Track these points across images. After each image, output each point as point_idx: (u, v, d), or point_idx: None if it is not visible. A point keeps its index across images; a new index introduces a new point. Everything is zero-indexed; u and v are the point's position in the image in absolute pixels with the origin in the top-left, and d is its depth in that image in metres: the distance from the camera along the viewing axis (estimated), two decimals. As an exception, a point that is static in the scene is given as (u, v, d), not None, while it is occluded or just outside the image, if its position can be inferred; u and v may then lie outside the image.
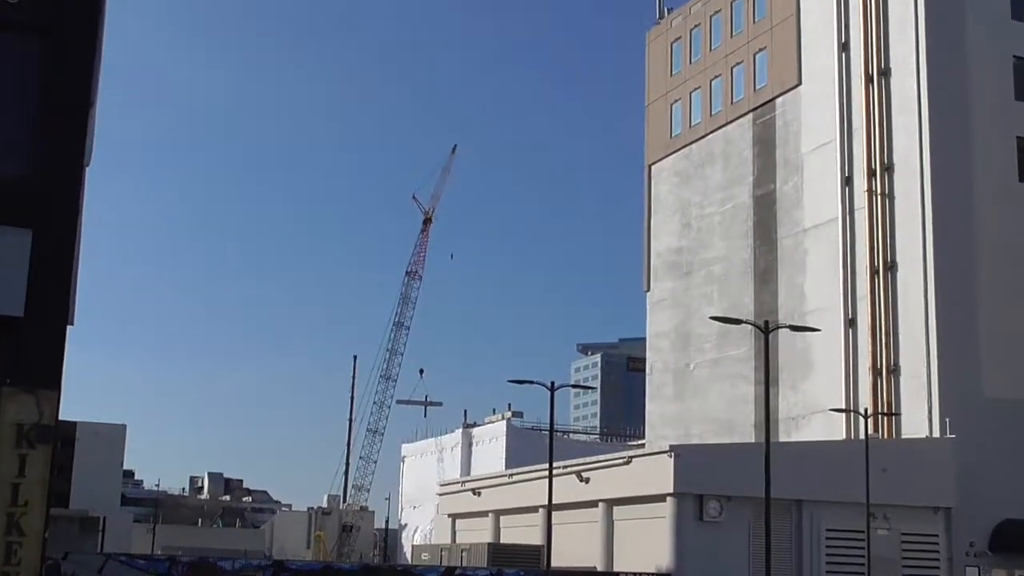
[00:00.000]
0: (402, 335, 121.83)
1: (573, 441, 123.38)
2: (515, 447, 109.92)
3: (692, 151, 73.80)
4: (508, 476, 64.41)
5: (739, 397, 66.35)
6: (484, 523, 64.68)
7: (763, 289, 66.07)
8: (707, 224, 71.63)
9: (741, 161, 69.35)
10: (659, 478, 49.72)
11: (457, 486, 71.39)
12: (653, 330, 75.75)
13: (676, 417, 71.73)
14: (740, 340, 66.33)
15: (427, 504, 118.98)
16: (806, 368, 61.95)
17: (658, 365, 74.68)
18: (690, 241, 72.99)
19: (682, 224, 73.96)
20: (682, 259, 73.52)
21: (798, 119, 65.26)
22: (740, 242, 68.48)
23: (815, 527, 50.73)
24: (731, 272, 68.86)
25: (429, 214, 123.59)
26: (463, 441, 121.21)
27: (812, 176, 63.69)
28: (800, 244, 63.91)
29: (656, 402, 74.41)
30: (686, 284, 72.78)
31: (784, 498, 48.28)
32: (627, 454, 54.37)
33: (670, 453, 49.69)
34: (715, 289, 70.05)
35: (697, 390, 70.19)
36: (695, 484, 49.32)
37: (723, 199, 70.52)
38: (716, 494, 49.21)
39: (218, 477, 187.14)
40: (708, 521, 49.01)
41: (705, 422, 68.82)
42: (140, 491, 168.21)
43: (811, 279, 62.73)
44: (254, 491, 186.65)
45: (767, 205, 66.78)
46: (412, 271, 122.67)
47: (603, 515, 53.72)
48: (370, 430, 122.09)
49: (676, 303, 73.46)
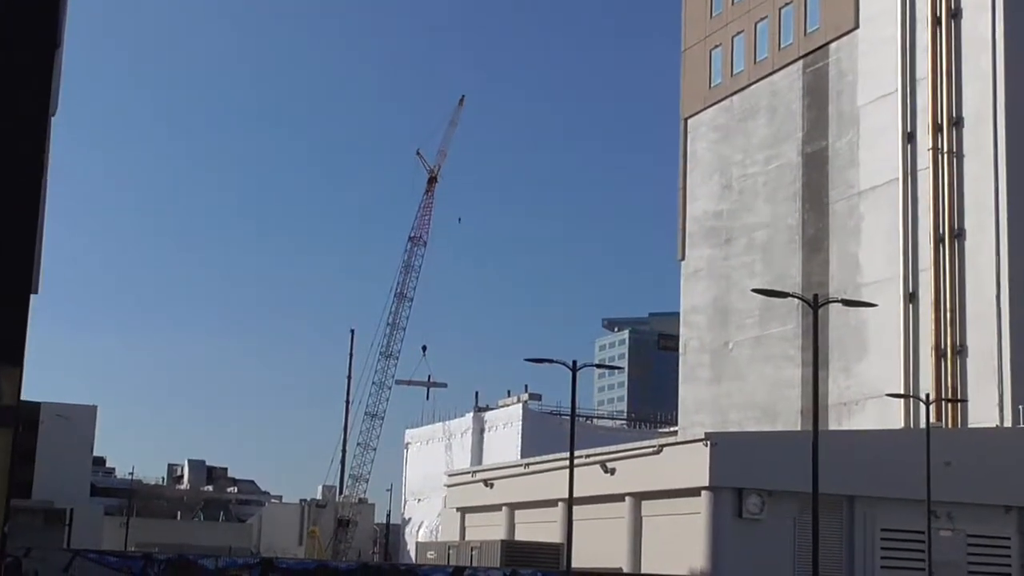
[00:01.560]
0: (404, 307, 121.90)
1: (597, 427, 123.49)
2: (532, 433, 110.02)
3: (734, 103, 73.44)
4: (524, 466, 64.48)
5: (784, 380, 66.24)
6: (497, 518, 64.82)
7: (812, 259, 65.85)
8: (750, 185, 71.36)
9: (789, 115, 68.99)
10: (693, 470, 49.69)
11: (467, 476, 71.56)
12: (688, 304, 75.63)
13: (712, 402, 71.69)
14: (785, 316, 66.16)
15: (433, 496, 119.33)
16: (860, 348, 61.79)
17: (693, 343, 74.58)
18: (730, 204, 72.75)
19: (721, 185, 73.70)
20: (721, 224, 73.29)
21: (854, 67, 64.85)
22: (787, 206, 68.22)
23: (869, 527, 50.67)
24: (776, 239, 68.63)
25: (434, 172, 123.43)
26: (474, 426, 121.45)
27: (869, 132, 63.33)
28: (855, 209, 63.63)
29: (690, 385, 74.36)
30: (725, 252, 72.58)
31: (834, 493, 48.19)
32: (657, 442, 54.35)
33: (706, 442, 49.65)
34: (758, 258, 69.85)
35: (736, 372, 70.11)
36: (733, 477, 49.27)
37: (768, 157, 70.22)
38: (757, 488, 49.13)
39: (199, 465, 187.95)
40: (748, 518, 48.97)
41: (745, 408, 68.77)
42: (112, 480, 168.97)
43: (867, 248, 62.47)
44: (240, 481, 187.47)
45: (818, 164, 66.48)
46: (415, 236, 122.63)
47: (630, 510, 53.75)
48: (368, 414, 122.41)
49: (714, 274, 73.30)
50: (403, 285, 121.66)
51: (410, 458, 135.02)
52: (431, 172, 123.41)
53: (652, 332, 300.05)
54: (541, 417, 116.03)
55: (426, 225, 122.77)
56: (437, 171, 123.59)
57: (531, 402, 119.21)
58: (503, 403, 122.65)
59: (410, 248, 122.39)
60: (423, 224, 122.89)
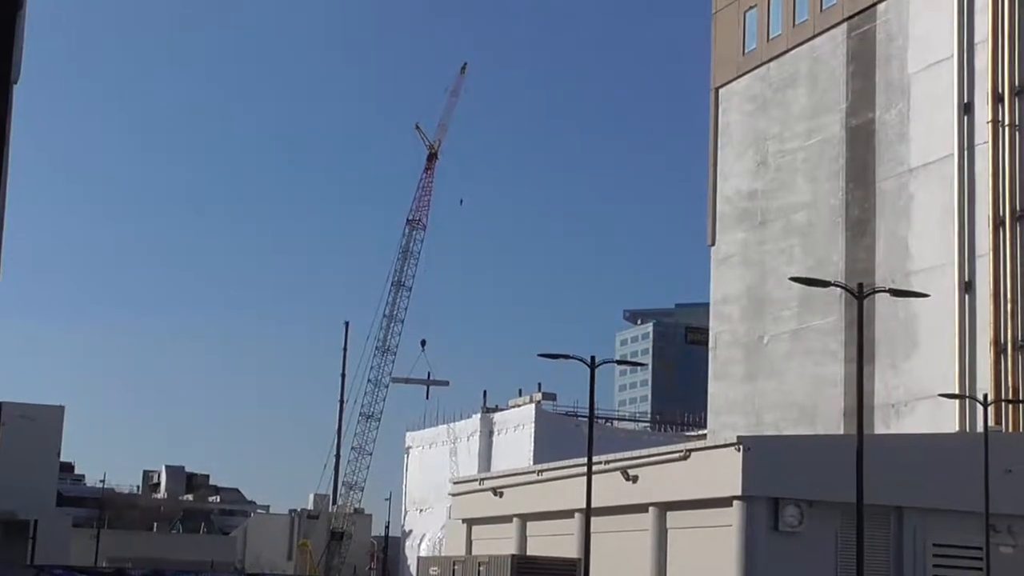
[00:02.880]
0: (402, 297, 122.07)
1: (618, 430, 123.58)
2: (546, 437, 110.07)
3: (770, 71, 73.34)
4: (537, 473, 64.55)
5: (824, 378, 66.20)
6: (507, 530, 64.92)
7: (857, 244, 65.78)
8: (788, 162, 71.27)
9: (831, 84, 68.88)
10: (724, 477, 49.71)
11: (474, 484, 71.63)
12: (719, 294, 75.59)
13: (746, 402, 71.69)
14: (827, 307, 66.10)
15: (437, 506, 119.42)
16: (910, 343, 61.72)
17: (724, 337, 74.55)
18: (766, 183, 72.67)
19: (756, 162, 73.63)
20: (756, 205, 73.21)
21: (904, 30, 64.70)
22: (829, 185, 68.14)
23: (919, 541, 50.66)
24: (817, 222, 68.55)
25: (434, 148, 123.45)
26: (482, 429, 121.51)
27: (921, 102, 63.20)
28: (904, 188, 63.53)
29: (721, 383, 74.35)
30: (760, 236, 72.51)
31: (880, 504, 48.17)
32: (685, 447, 54.40)
33: (738, 446, 49.66)
34: (796, 243, 69.78)
35: (772, 368, 70.08)
36: (769, 485, 49.29)
37: (808, 131, 70.12)
38: (795, 498, 49.15)
39: (178, 472, 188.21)
40: (785, 531, 48.99)
41: (782, 408, 68.75)
42: (81, 488, 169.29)
43: (917, 231, 62.38)
44: (223, 489, 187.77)
45: (863, 139, 66.37)
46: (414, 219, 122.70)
47: (654, 522, 53.81)
48: (364, 415, 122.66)
49: (748, 260, 73.24)
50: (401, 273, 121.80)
51: (411, 464, 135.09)
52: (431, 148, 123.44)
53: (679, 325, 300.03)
54: (556, 419, 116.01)
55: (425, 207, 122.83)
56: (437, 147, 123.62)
57: (545, 402, 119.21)
58: (514, 403, 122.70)
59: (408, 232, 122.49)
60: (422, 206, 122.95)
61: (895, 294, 42.87)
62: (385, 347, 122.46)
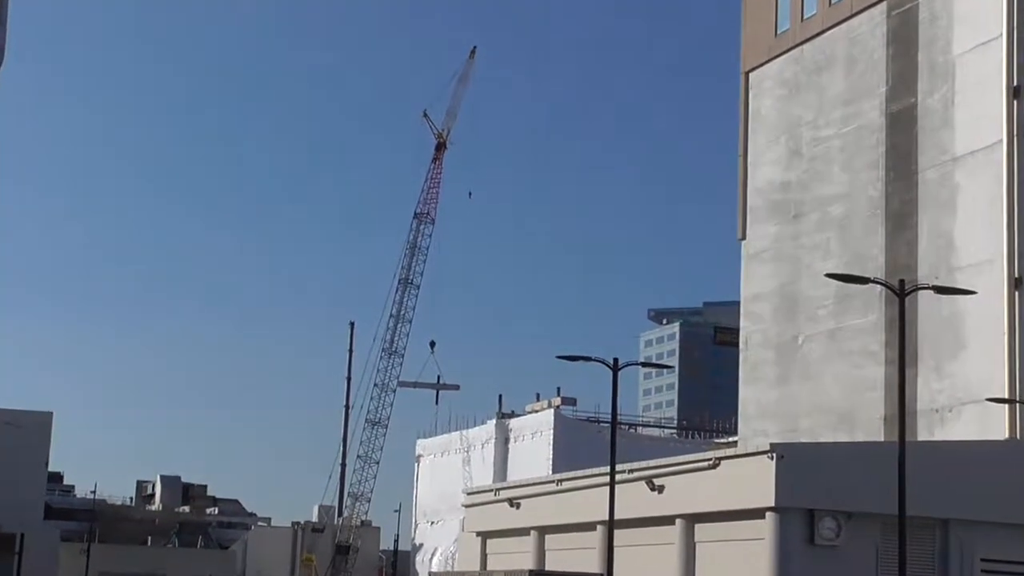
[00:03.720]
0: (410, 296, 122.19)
1: (642, 437, 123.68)
2: (565, 444, 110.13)
3: (804, 53, 73.17)
4: (556, 482, 64.54)
5: (864, 381, 66.04)
6: (524, 544, 64.92)
7: (897, 237, 65.60)
8: (823, 151, 71.10)
9: (870, 66, 68.70)
10: (756, 487, 49.61)
11: (489, 495, 71.65)
12: (749, 291, 75.43)
13: (779, 407, 71.54)
14: (866, 305, 65.94)
15: (449, 518, 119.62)
16: (955, 343, 61.52)
17: (756, 337, 74.41)
18: (800, 173, 72.51)
19: (790, 150, 73.46)
20: (789, 197, 73.06)
21: (949, 9, 64.49)
22: (867, 175, 67.96)
23: (967, 556, 50.51)
24: (854, 214, 68.38)
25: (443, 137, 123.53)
26: (497, 436, 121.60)
27: (968, 86, 62.97)
28: (949, 177, 63.32)
29: (752, 386, 74.21)
30: (794, 230, 72.36)
31: (924, 516, 48.09)
32: (714, 455, 54.27)
33: (771, 454, 49.54)
34: (833, 237, 69.62)
35: (807, 371, 69.93)
36: (804, 496, 49.16)
37: (845, 117, 69.95)
38: (832, 509, 49.02)
39: (174, 482, 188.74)
40: (821, 545, 48.88)
41: (818, 413, 68.59)
42: (71, 500, 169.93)
43: (963, 224, 62.17)
44: (221, 500, 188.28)
45: (904, 125, 66.18)
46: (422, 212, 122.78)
47: (681, 535, 53.75)
48: (370, 421, 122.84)
49: (780, 255, 73.08)
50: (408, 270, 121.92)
51: (421, 473, 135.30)
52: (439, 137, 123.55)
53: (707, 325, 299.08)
54: (576, 425, 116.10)
55: (434, 199, 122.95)
56: (446, 136, 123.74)
57: (564, 407, 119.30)
58: (531, 408, 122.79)
59: (416, 226, 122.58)
60: (430, 198, 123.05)
61: (939, 291, 42.74)
62: (392, 349, 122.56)
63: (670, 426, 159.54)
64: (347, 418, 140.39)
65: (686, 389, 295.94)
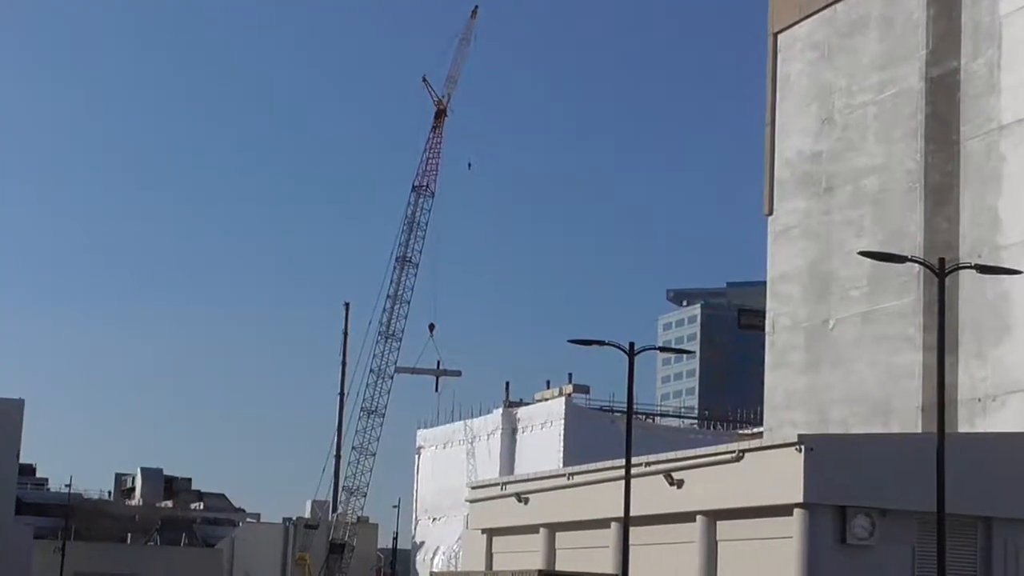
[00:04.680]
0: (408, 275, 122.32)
1: (660, 427, 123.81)
2: (578, 435, 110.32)
3: (837, 13, 73.04)
4: (567, 476, 64.70)
5: (900, 368, 66.06)
6: (533, 542, 65.08)
7: (937, 213, 65.56)
8: (857, 119, 71.03)
9: (909, 28, 68.59)
10: (783, 482, 49.73)
11: (495, 489, 71.80)
12: (776, 271, 75.41)
13: (808, 395, 71.58)
14: (903, 286, 65.93)
15: (452, 514, 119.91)
16: (1000, 327, 61.52)
17: (783, 320, 74.41)
18: (832, 143, 72.45)
19: (821, 119, 73.39)
20: (820, 169, 73.01)
21: (994, -35, 64.38)
22: (905, 145, 67.90)
23: (1010, 556, 50.70)
24: (891, 188, 68.33)
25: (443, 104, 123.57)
26: (503, 426, 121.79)
27: (1014, 48, 62.89)
28: (993, 148, 63.26)
29: (779, 373, 74.23)
30: (825, 205, 72.32)
31: (965, 514, 48.21)
32: (737, 447, 54.39)
33: (799, 446, 49.64)
34: (867, 212, 69.58)
35: (839, 357, 69.94)
36: (835, 491, 49.26)
37: (881, 83, 69.86)
38: (866, 506, 49.16)
39: (155, 475, 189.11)
40: (853, 544, 49.02)
41: (850, 403, 68.64)
42: (44, 494, 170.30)
43: (1009, 199, 62.13)
44: (207, 495, 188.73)
45: (946, 91, 66.10)
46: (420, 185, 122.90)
47: (702, 533, 53.92)
48: (365, 410, 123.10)
49: (810, 232, 73.05)
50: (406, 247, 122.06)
51: (422, 466, 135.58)
52: (439, 104, 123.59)
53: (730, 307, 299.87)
54: (589, 414, 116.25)
55: (433, 171, 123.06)
56: (446, 102, 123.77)
57: (576, 395, 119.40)
58: (540, 397, 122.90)
59: (414, 200, 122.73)
60: (429, 169, 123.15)
61: (982, 271, 42.62)
62: (389, 332, 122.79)
63: (690, 416, 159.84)
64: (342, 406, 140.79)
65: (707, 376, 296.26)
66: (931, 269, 39.24)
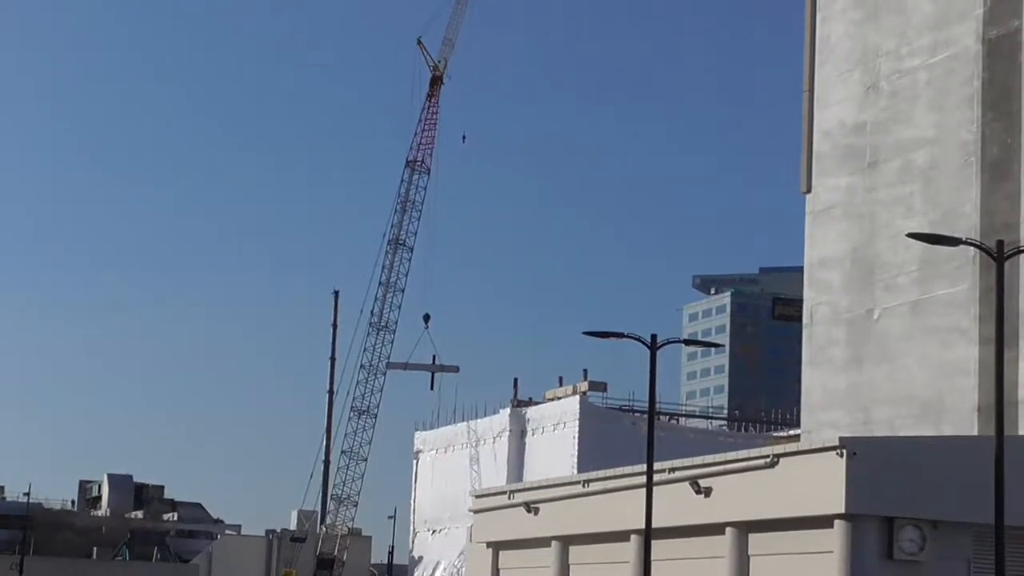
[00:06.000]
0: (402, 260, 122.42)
1: (686, 429, 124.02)
2: (593, 437, 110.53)
3: (884, -34, 72.98)
4: (582, 484, 64.70)
5: (953, 364, 66.04)
6: (544, 557, 65.20)
7: (996, 190, 65.53)
8: (906, 85, 70.98)
9: (963, -17, 68.54)
10: (823, 490, 49.83)
11: (502, 498, 71.90)
12: (815, 255, 75.37)
13: (850, 394, 71.57)
14: (957, 272, 65.89)
15: (454, 526, 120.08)
16: (1064, 318, 61.53)
17: (822, 311, 74.38)
18: (878, 113, 72.39)
19: (866, 86, 73.34)
20: (864, 142, 72.96)
21: (1058, -88, 64.32)
22: (959, 114, 67.83)
23: (1075, 572, 50.53)
24: (943, 163, 68.28)
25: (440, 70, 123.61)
26: (511, 427, 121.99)
27: (1079, 7, 62.85)
28: (1058, 117, 63.25)
29: (819, 369, 74.22)
30: (870, 181, 72.28)
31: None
32: (771, 451, 54.44)
33: (841, 451, 49.74)
34: (917, 190, 69.55)
35: (885, 352, 69.92)
36: (881, 500, 49.37)
37: (933, 45, 69.80)
38: (915, 517, 49.25)
39: (124, 482, 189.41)
40: (901, 560, 49.11)
41: (897, 402, 68.64)
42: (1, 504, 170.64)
43: (1074, 174, 62.14)
44: (182, 504, 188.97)
45: (1006, 55, 66.04)
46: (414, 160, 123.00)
47: (732, 546, 54.04)
48: (355, 409, 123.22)
49: (853, 212, 73.02)
50: (399, 229, 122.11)
51: (421, 472, 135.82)
52: (435, 69, 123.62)
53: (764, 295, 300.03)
54: (606, 415, 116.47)
55: (429, 144, 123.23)
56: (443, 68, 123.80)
57: (592, 394, 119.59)
58: (552, 395, 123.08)
59: (408, 177, 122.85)
60: (424, 143, 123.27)
61: (1046, 255, 42.53)
62: (381, 323, 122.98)
63: (719, 416, 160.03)
64: (331, 406, 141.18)
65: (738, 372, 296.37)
66: (988, 253, 39.17)
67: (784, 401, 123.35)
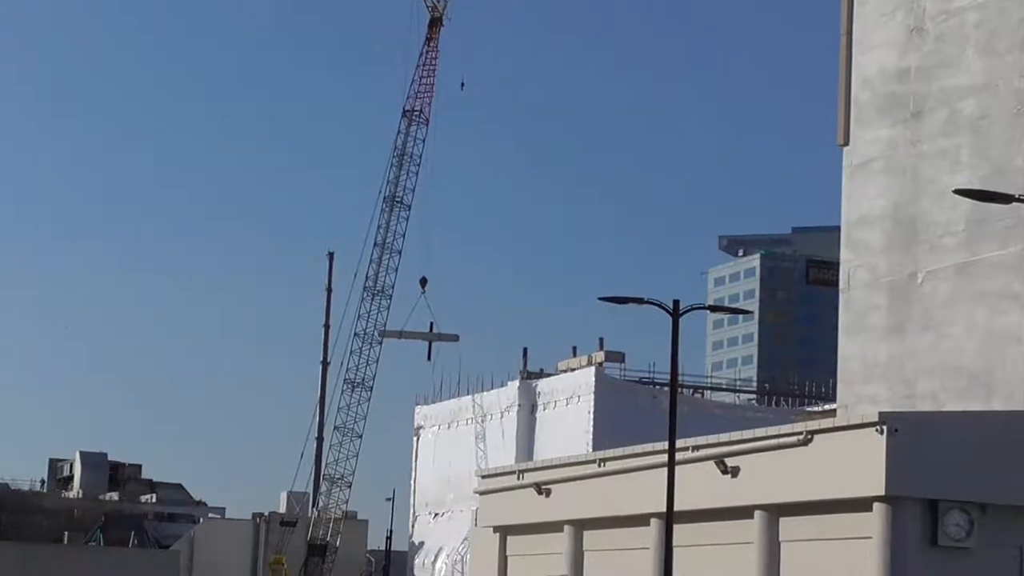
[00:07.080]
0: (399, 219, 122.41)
1: (711, 404, 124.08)
2: (610, 412, 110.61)
3: None
4: (598, 462, 64.90)
5: (1004, 332, 66.10)
6: (556, 542, 65.40)
7: (1050, 143, 65.52)
8: (953, 28, 70.90)
9: (1017, -86, 68.40)
10: (861, 470, 49.94)
11: (510, 479, 72.05)
12: (854, 213, 75.39)
13: (891, 365, 71.66)
14: (1008, 232, 65.91)
15: (457, 509, 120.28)
16: (1125, 282, 61.58)
17: (861, 274, 74.43)
18: (923, 58, 72.33)
19: (908, 29, 73.26)
20: (908, 90, 72.93)
21: None
22: (1012, 59, 67.77)
23: None
24: (994, 113, 68.24)
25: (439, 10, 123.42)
26: (520, 401, 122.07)
27: None
28: (1119, 63, 63.19)
29: (857, 338, 74.29)
30: (914, 133, 72.26)
31: (1082, 508, 48.33)
32: (805, 427, 54.56)
33: (880, 427, 49.83)
34: (964, 143, 69.52)
35: (930, 319, 69.99)
36: (925, 482, 49.48)
37: (983, -17, 69.74)
38: (962, 500, 49.36)
39: (98, 461, 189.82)
40: (947, 546, 49.26)
41: (943, 374, 68.71)
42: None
43: None
44: (161, 485, 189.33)
45: (1061, -7, 65.96)
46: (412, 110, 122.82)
47: (762, 531, 54.25)
48: (348, 382, 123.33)
49: (895, 166, 73.03)
50: (396, 185, 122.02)
51: (421, 451, 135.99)
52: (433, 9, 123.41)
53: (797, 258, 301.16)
54: (624, 388, 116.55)
55: (427, 92, 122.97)
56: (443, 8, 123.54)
57: (609, 364, 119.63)
58: (565, 366, 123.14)
59: (404, 128, 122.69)
60: (423, 91, 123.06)
61: (1105, 213, 42.58)
62: (376, 288, 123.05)
63: (747, 390, 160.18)
64: (324, 378, 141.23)
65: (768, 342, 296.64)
66: (1043, 211, 39.18)
67: (818, 373, 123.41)
